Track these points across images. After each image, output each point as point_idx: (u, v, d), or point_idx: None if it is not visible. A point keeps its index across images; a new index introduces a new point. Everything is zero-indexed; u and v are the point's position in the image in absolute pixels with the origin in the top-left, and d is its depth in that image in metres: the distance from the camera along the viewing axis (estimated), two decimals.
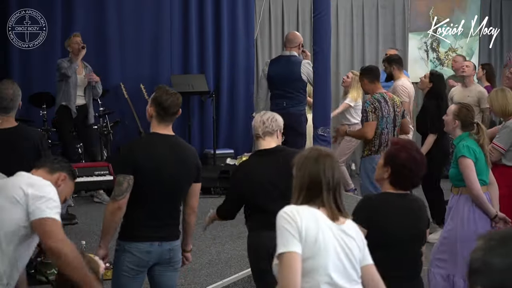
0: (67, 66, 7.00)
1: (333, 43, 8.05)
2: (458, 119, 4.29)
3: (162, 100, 3.43)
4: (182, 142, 3.56)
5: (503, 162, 4.91)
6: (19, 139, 4.30)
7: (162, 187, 3.34)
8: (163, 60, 8.92)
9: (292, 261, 2.22)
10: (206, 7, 9.02)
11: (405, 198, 3.00)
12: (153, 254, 3.34)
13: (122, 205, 3.28)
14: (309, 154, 2.47)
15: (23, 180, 2.85)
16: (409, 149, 2.97)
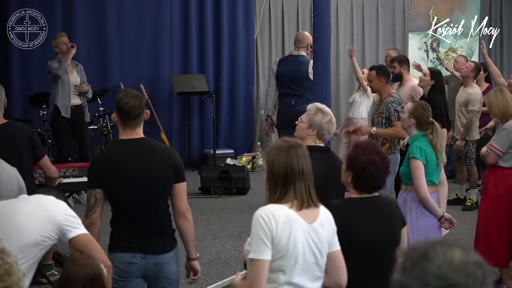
0: (57, 66, 6.98)
1: (333, 43, 8.05)
2: (414, 117, 4.32)
3: (122, 104, 3.21)
4: (152, 144, 3.34)
5: (499, 164, 4.90)
6: (11, 133, 4.32)
7: (133, 194, 3.19)
8: (163, 60, 8.93)
9: (261, 268, 2.41)
10: (206, 7, 9.03)
11: (370, 201, 2.95)
12: (136, 266, 3.19)
13: (94, 219, 3.21)
14: (280, 146, 2.54)
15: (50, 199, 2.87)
16: (369, 151, 2.91)
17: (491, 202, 4.91)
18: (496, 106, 4.89)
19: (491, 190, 4.90)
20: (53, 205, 2.82)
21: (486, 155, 4.91)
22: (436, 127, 4.27)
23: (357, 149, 2.99)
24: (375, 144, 3.14)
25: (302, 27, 9.62)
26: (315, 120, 3.63)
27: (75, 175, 5.55)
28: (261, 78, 9.48)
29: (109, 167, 3.22)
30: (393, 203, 3.10)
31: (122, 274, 3.19)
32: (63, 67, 6.98)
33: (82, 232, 2.79)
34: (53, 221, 2.76)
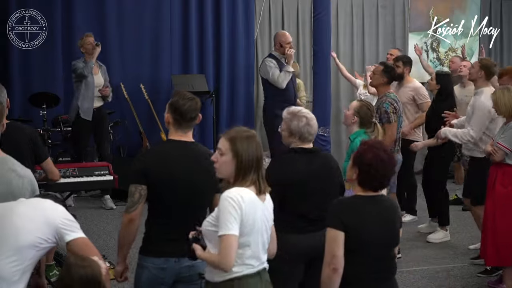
0: (82, 66, 7.02)
1: (333, 43, 8.04)
2: (358, 116, 4.36)
3: (179, 105, 3.19)
4: (203, 149, 3.32)
5: (507, 162, 4.89)
6: (14, 134, 4.32)
7: (178, 197, 3.15)
8: (163, 60, 8.92)
9: (233, 242, 2.67)
10: (206, 7, 9.02)
11: (375, 200, 2.97)
12: (168, 271, 3.14)
13: (135, 217, 3.14)
14: (246, 135, 2.83)
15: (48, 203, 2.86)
16: (376, 149, 2.94)
17: (499, 201, 4.88)
18: (503, 105, 4.88)
19: (499, 188, 4.87)
20: (51, 208, 2.81)
21: (493, 153, 4.89)
22: (378, 128, 4.38)
23: (364, 146, 3.01)
24: (382, 142, 3.16)
25: (302, 27, 9.62)
26: (292, 127, 3.65)
27: (75, 175, 5.55)
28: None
29: (160, 166, 3.17)
30: (394, 204, 3.11)
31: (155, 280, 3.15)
32: (89, 66, 7.03)
33: (79, 236, 2.79)
34: (50, 224, 2.75)
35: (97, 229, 6.56)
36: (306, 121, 3.64)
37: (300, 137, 3.64)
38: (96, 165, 5.93)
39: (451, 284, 5.25)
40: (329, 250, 2.90)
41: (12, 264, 2.70)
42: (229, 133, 2.84)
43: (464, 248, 6.16)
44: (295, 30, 9.65)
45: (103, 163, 6.25)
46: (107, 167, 5.70)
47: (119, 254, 3.26)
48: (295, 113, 3.68)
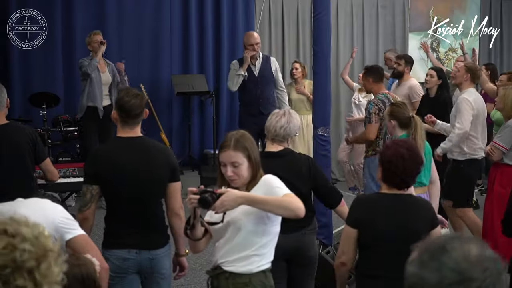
0: (87, 64, 7.02)
1: (333, 43, 8.04)
2: (394, 119, 4.33)
3: (123, 103, 3.30)
4: (149, 143, 3.41)
5: (505, 161, 4.90)
6: (14, 134, 4.32)
7: (129, 192, 3.26)
8: (163, 60, 8.93)
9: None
10: (206, 7, 9.03)
11: (398, 198, 2.98)
12: (131, 262, 3.26)
13: (88, 215, 3.27)
14: (241, 137, 2.82)
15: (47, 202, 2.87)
16: (398, 145, 2.97)
17: (497, 201, 4.88)
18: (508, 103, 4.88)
19: (497, 188, 4.88)
20: (49, 207, 2.81)
21: (491, 153, 4.90)
22: (416, 120, 4.30)
23: (388, 144, 3.10)
24: (408, 141, 3.18)
25: (302, 27, 9.62)
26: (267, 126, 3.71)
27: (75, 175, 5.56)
28: None
29: (107, 164, 3.26)
30: (422, 204, 3.07)
31: (118, 270, 3.24)
32: (93, 64, 7.03)
33: (79, 233, 2.79)
34: (50, 224, 2.75)
35: (97, 229, 6.51)
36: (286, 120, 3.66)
37: (272, 137, 3.65)
38: None
39: None
40: (341, 244, 3.03)
41: None
42: (230, 144, 2.80)
43: None
44: (295, 30, 9.66)
45: None
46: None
47: None
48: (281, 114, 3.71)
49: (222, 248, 2.81)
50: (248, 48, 7.04)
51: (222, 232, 2.80)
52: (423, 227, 2.99)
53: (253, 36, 7.13)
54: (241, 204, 2.64)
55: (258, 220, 2.73)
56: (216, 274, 2.84)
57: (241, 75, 7.01)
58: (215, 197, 2.61)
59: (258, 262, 2.77)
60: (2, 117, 4.31)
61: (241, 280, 2.76)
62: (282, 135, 3.63)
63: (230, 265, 2.78)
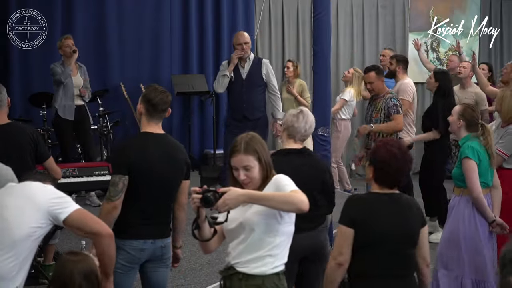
0: (60, 71, 6.97)
1: (333, 43, 8.04)
2: (463, 119, 4.30)
3: (151, 97, 3.47)
4: (172, 141, 3.58)
5: (504, 166, 4.89)
6: (15, 134, 4.34)
7: (155, 186, 3.39)
8: (163, 60, 8.93)
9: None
10: (206, 7, 9.03)
11: (391, 197, 2.98)
12: (146, 252, 3.39)
13: (118, 205, 3.33)
14: (251, 140, 2.82)
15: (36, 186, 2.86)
16: (389, 145, 2.97)
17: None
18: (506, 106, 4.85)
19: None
20: (39, 192, 2.81)
21: None
22: (486, 128, 4.24)
23: (378, 143, 3.06)
24: (396, 140, 3.18)
25: (302, 27, 9.62)
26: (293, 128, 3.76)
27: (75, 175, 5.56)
28: None
29: (139, 156, 3.38)
30: (413, 203, 3.08)
31: (132, 260, 3.37)
32: (66, 73, 6.99)
33: (73, 210, 2.78)
34: (41, 209, 2.75)
35: None
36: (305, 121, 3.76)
37: (289, 134, 3.75)
38: (96, 165, 5.94)
39: None
40: (337, 245, 2.96)
41: (8, 260, 2.70)
42: (241, 148, 2.80)
43: None
44: (295, 30, 9.66)
45: (103, 163, 6.26)
46: (107, 167, 5.70)
47: None
48: (296, 115, 3.77)
49: (235, 248, 2.80)
50: (237, 48, 6.75)
51: (235, 233, 2.79)
52: (416, 226, 3.01)
53: (242, 36, 6.82)
54: (243, 202, 2.65)
55: (271, 220, 2.73)
56: (229, 275, 2.81)
57: (226, 76, 6.73)
58: (217, 196, 2.61)
59: (272, 263, 2.76)
60: (3, 116, 4.33)
61: (254, 282, 2.74)
62: (308, 134, 3.79)
63: (244, 266, 2.76)
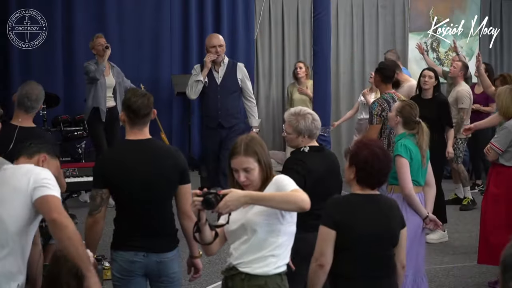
0: (94, 69, 7.01)
1: (333, 43, 8.04)
2: (401, 116, 4.33)
3: (131, 103, 3.27)
4: (158, 145, 3.40)
5: (501, 162, 4.92)
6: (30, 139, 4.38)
7: (138, 195, 3.23)
8: (163, 60, 8.93)
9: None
10: (206, 7, 9.03)
11: (372, 198, 2.97)
12: (138, 265, 3.23)
13: (99, 219, 3.26)
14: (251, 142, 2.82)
15: (22, 169, 2.86)
16: (371, 145, 2.96)
17: (490, 201, 4.92)
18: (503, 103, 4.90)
19: (491, 189, 4.92)
20: (28, 178, 2.77)
21: (487, 153, 4.95)
22: (422, 127, 4.32)
23: (359, 144, 3.03)
24: (376, 140, 3.18)
25: (302, 27, 9.62)
26: (301, 127, 3.72)
27: (75, 175, 5.55)
28: (261, 78, 9.49)
29: (116, 167, 3.25)
30: (393, 203, 3.09)
31: (124, 272, 3.24)
32: (100, 69, 7.03)
33: (49, 193, 2.74)
34: (28, 195, 2.75)
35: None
36: (311, 118, 3.75)
37: (309, 135, 3.73)
38: None
39: (451, 284, 5.25)
40: (318, 247, 2.92)
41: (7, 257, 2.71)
42: (240, 150, 2.80)
43: (464, 248, 6.17)
44: (295, 30, 9.66)
45: None
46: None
47: None
48: (298, 113, 3.76)
49: (237, 249, 2.80)
50: (210, 50, 6.35)
51: (237, 235, 2.79)
52: (397, 227, 3.01)
53: (216, 37, 6.49)
54: (245, 203, 2.64)
55: (273, 220, 2.73)
56: (231, 275, 2.81)
57: (200, 82, 6.32)
58: (218, 198, 2.59)
59: (274, 263, 2.76)
60: (29, 120, 4.46)
61: (257, 282, 2.74)
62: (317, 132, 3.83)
63: (246, 266, 2.76)
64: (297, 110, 3.80)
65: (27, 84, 4.59)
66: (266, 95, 9.51)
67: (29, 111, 4.48)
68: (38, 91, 4.50)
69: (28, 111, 4.48)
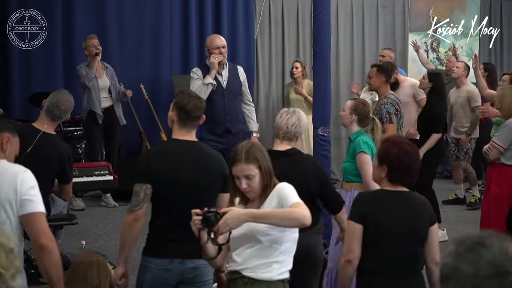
0: (84, 74, 7.03)
1: (333, 43, 8.04)
2: (355, 114, 4.34)
3: (184, 104, 3.21)
4: (206, 149, 3.34)
5: (502, 161, 4.90)
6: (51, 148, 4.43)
7: (183, 197, 3.14)
8: (163, 60, 8.92)
9: None
10: (206, 7, 9.02)
11: (401, 195, 2.99)
12: (173, 273, 3.12)
13: (140, 216, 3.13)
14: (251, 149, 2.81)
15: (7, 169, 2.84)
16: (400, 143, 2.98)
17: (493, 201, 4.89)
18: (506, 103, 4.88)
19: (493, 188, 4.89)
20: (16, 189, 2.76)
21: (488, 151, 4.91)
22: (376, 123, 4.35)
23: (388, 143, 3.03)
24: (402, 137, 3.20)
25: (302, 27, 9.62)
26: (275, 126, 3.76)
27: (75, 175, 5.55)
28: (261, 78, 9.48)
29: (163, 165, 3.17)
30: (423, 200, 3.09)
31: (158, 281, 3.11)
32: (89, 76, 7.04)
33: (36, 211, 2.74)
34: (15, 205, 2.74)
35: (97, 229, 6.56)
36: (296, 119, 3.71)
37: (284, 137, 3.69)
38: (96, 165, 5.95)
39: None
40: (346, 242, 2.97)
41: None
42: (241, 157, 2.79)
43: None
44: (295, 30, 9.65)
45: (103, 163, 6.26)
46: (107, 167, 5.71)
47: (120, 255, 3.21)
48: (289, 111, 3.76)
49: (240, 255, 2.80)
50: (214, 52, 6.01)
51: (241, 242, 2.79)
52: (425, 224, 3.01)
53: (220, 38, 6.20)
54: (245, 221, 2.63)
55: (276, 228, 2.73)
56: (234, 278, 2.81)
57: (210, 84, 5.94)
58: (218, 216, 2.60)
59: (278, 269, 2.77)
60: (53, 127, 4.52)
61: (260, 286, 2.75)
62: (293, 133, 3.68)
63: (251, 271, 2.77)
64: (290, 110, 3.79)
65: (59, 92, 4.60)
66: (266, 95, 9.51)
67: (55, 119, 4.52)
68: (68, 102, 4.52)
69: (54, 120, 4.52)
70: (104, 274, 2.63)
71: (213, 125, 5.90)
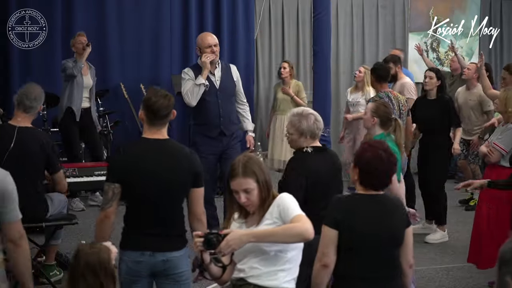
0: (72, 65, 7.00)
1: (333, 43, 8.04)
2: (377, 116, 4.33)
3: (150, 103, 3.27)
4: (175, 146, 3.37)
5: (502, 164, 4.88)
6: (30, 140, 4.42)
7: (150, 194, 3.22)
8: (163, 60, 8.92)
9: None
10: (206, 7, 9.02)
11: (375, 198, 2.96)
12: (144, 264, 3.22)
13: (110, 214, 3.24)
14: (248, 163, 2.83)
15: None
16: (375, 147, 2.96)
17: (494, 203, 4.87)
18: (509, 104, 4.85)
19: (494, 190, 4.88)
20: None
21: (489, 154, 4.88)
22: (398, 124, 4.33)
23: (364, 146, 3.04)
24: (382, 142, 3.18)
25: (302, 27, 9.62)
26: (303, 128, 3.74)
27: (75, 175, 5.55)
28: (261, 78, 9.48)
29: (131, 164, 3.25)
30: (398, 203, 3.09)
31: (131, 273, 3.23)
32: (78, 66, 7.01)
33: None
34: None
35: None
36: (313, 118, 3.78)
37: (311, 135, 3.75)
38: (96, 165, 5.95)
39: (451, 284, 5.25)
40: (321, 246, 2.92)
41: None
42: (239, 171, 2.81)
43: (464, 248, 6.16)
44: (295, 30, 9.65)
45: (103, 163, 6.26)
46: (107, 167, 5.69)
47: None
48: (300, 113, 3.79)
49: (245, 263, 2.81)
50: (206, 51, 5.71)
51: (246, 253, 2.80)
52: (400, 226, 2.99)
53: (212, 36, 5.84)
54: (247, 242, 2.65)
55: None
56: (239, 285, 2.83)
57: (203, 85, 5.69)
58: (220, 238, 2.62)
59: (284, 277, 2.78)
60: (28, 120, 4.52)
61: None
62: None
63: (256, 279, 2.79)
64: (299, 111, 3.83)
65: (27, 85, 4.63)
66: (266, 95, 9.50)
67: (27, 111, 4.51)
68: (37, 91, 4.53)
69: (27, 111, 4.50)
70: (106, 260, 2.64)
71: (206, 127, 5.83)
